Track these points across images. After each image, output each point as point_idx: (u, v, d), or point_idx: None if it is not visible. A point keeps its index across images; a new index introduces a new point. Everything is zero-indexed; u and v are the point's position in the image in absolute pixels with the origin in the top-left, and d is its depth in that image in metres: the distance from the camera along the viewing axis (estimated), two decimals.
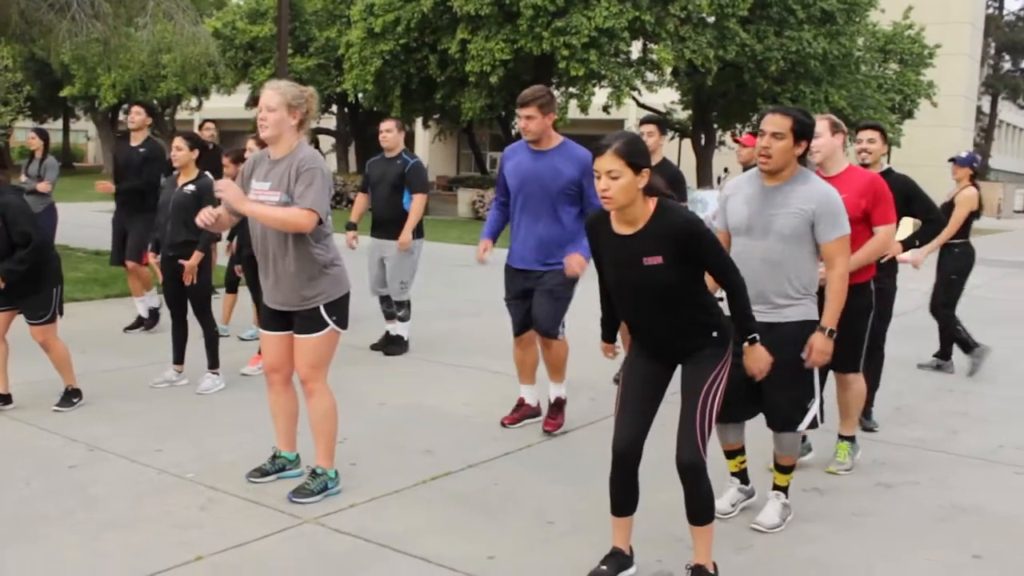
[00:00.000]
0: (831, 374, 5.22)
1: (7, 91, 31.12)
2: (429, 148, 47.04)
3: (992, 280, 16.23)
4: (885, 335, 6.11)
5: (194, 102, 39.95)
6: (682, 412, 3.60)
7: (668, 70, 27.63)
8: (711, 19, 25.46)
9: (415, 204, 7.66)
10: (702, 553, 3.66)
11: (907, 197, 5.88)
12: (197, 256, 6.35)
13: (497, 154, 45.90)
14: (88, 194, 9.41)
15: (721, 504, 4.38)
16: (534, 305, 5.60)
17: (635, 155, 3.41)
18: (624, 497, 3.69)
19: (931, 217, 6.03)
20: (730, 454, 4.54)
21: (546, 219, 5.46)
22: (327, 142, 38.64)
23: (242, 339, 7.95)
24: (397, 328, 7.94)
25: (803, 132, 4.12)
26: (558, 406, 5.78)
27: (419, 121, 35.99)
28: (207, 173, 6.60)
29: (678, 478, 3.58)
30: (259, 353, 6.46)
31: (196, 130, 9.12)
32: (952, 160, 7.89)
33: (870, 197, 4.94)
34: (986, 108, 61.86)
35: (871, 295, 5.16)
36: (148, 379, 6.54)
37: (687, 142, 33.77)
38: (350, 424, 5.21)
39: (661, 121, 7.09)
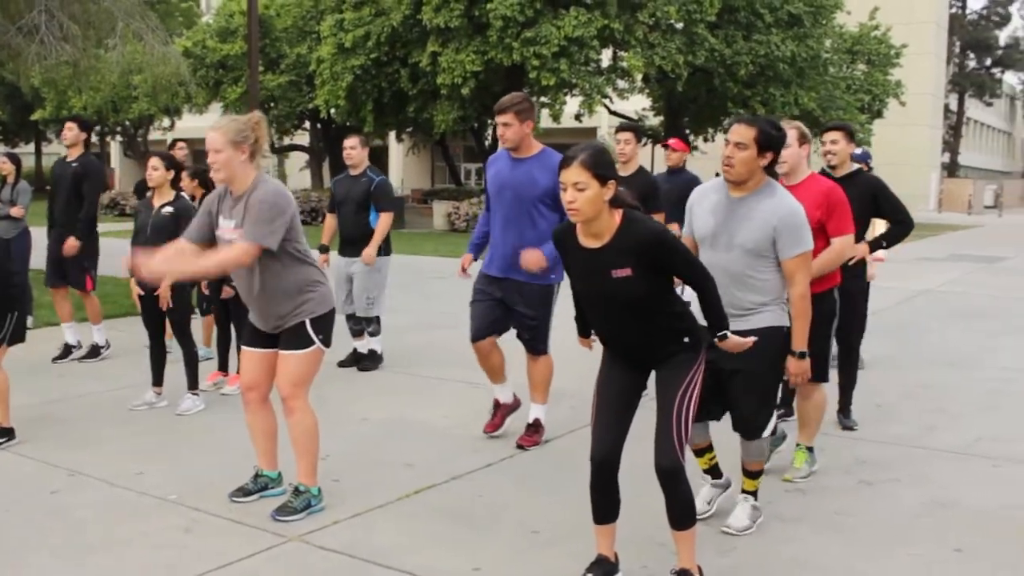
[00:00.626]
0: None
1: None
2: (403, 161, 47.02)
3: (963, 275, 16.41)
4: (861, 335, 6.18)
5: (166, 122, 39.79)
6: (658, 418, 3.61)
7: (639, 77, 27.81)
8: (680, 25, 25.60)
9: (382, 221, 7.62)
10: (686, 557, 3.68)
11: (876, 197, 5.93)
12: (165, 285, 6.22)
13: (471, 166, 46.01)
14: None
15: (697, 503, 4.38)
16: (517, 328, 5.61)
17: (601, 166, 3.39)
18: (605, 505, 3.70)
19: (899, 219, 6.07)
20: (698, 452, 4.52)
21: (522, 227, 5.43)
22: (300, 159, 38.54)
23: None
24: (369, 343, 7.92)
25: (768, 143, 4.03)
26: (535, 426, 5.75)
27: (392, 135, 35.99)
28: (183, 194, 6.58)
29: (657, 484, 3.61)
30: (236, 372, 6.43)
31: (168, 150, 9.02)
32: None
33: (825, 208, 4.85)
34: (953, 106, 62.61)
35: (834, 303, 5.14)
36: (126, 402, 6.50)
37: (660, 148, 33.94)
38: (331, 441, 5.20)
39: (637, 128, 7.14)
